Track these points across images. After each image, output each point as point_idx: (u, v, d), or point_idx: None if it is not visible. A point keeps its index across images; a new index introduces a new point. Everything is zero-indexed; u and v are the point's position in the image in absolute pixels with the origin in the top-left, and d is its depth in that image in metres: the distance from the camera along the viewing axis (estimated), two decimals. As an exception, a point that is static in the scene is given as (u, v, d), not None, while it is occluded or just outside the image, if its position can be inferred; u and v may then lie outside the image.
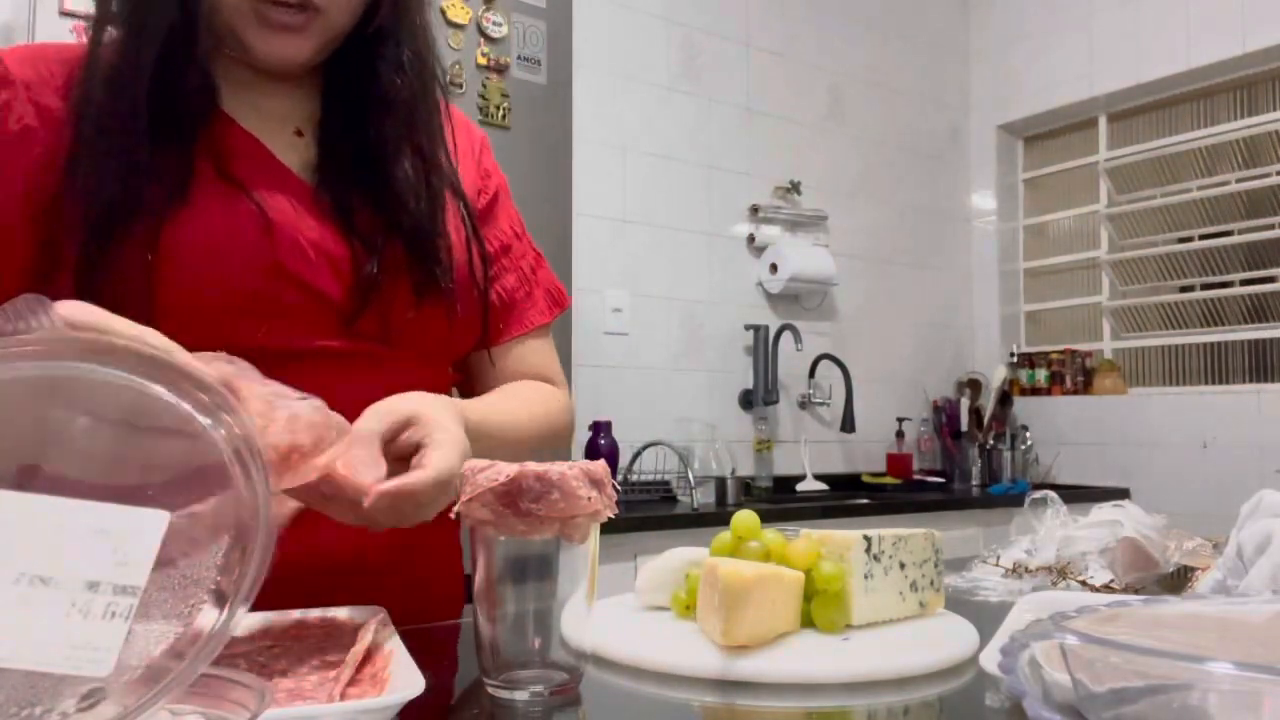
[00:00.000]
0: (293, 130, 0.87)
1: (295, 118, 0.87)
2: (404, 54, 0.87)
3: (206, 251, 0.76)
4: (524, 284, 0.99)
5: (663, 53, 3.10)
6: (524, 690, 0.57)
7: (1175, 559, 1.00)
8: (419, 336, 0.86)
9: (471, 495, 0.56)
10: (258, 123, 0.84)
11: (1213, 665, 0.37)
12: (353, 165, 0.85)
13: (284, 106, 0.87)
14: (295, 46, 0.80)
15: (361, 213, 0.84)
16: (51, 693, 0.37)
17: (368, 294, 0.82)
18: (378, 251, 0.83)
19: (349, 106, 0.87)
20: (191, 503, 0.42)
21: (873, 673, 0.61)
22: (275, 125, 0.86)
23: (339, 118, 0.87)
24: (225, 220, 0.78)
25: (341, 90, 0.87)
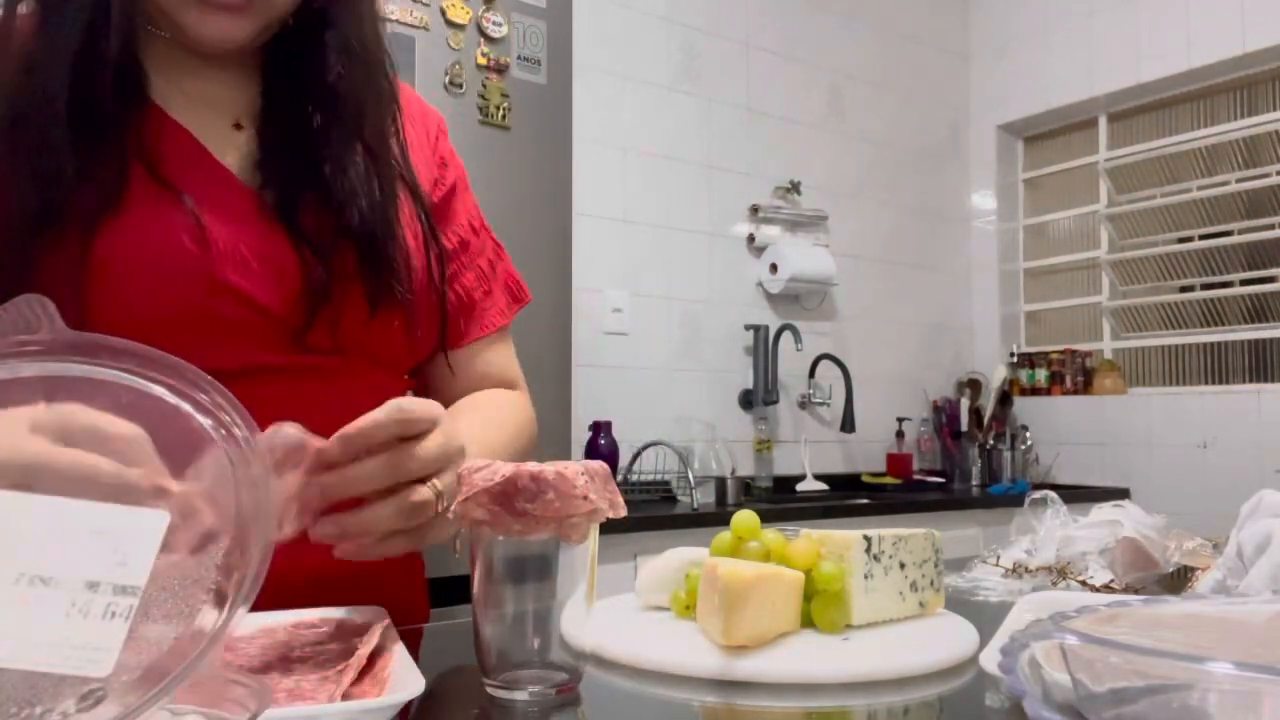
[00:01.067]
0: (231, 123, 0.80)
1: (233, 108, 0.80)
2: (349, 39, 0.80)
3: (139, 265, 0.70)
4: (483, 282, 0.94)
5: (663, 53, 3.10)
6: (523, 690, 0.57)
7: (1175, 559, 1.00)
8: (374, 346, 0.81)
9: (467, 495, 0.56)
10: (190, 113, 0.77)
11: (1213, 665, 0.37)
12: (299, 163, 0.79)
13: (219, 94, 0.80)
14: (235, 26, 0.74)
15: (308, 215, 0.77)
16: (51, 693, 0.37)
17: (317, 305, 0.76)
18: (327, 257, 0.77)
19: (291, 96, 0.80)
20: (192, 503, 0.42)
21: (873, 673, 0.61)
22: (211, 116, 0.79)
23: (280, 109, 0.80)
24: (159, 230, 0.71)
25: (282, 78, 0.81)
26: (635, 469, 2.80)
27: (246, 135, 0.80)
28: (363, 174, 0.80)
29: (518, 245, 1.12)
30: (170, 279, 0.71)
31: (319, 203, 0.78)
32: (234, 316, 0.74)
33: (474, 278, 0.93)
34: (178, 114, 0.77)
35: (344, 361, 0.79)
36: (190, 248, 0.72)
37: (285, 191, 0.78)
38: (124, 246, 0.70)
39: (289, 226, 0.77)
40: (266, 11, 0.75)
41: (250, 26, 0.75)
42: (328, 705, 0.50)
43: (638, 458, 2.80)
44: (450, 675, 0.61)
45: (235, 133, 0.80)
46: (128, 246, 0.70)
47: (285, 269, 0.76)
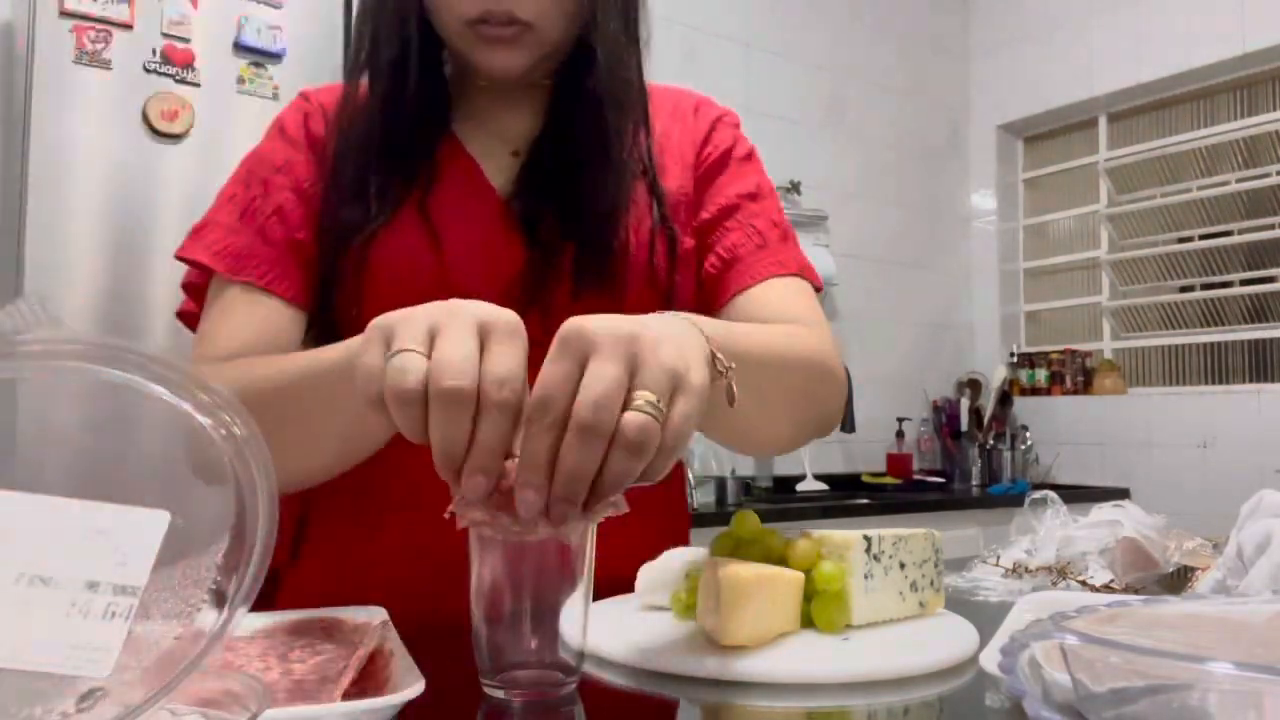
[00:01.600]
0: (510, 151, 0.92)
1: (517, 137, 0.92)
2: (604, 66, 0.88)
3: (392, 269, 0.84)
4: (753, 237, 0.94)
5: (662, 53, 3.09)
6: (522, 690, 0.57)
7: (1175, 559, 1.00)
8: None
9: (468, 495, 0.55)
10: (481, 140, 0.92)
11: (1213, 665, 0.37)
12: (550, 179, 0.89)
13: (508, 123, 0.93)
14: (511, 59, 0.85)
15: (546, 223, 0.87)
16: (51, 693, 0.37)
17: (531, 296, 0.83)
18: (555, 257, 0.86)
19: (565, 125, 0.91)
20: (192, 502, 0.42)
21: (873, 673, 0.61)
22: (496, 144, 0.92)
23: (551, 135, 0.91)
24: (409, 240, 0.85)
25: (563, 108, 0.92)
26: (635, 469, 2.80)
27: (519, 161, 0.92)
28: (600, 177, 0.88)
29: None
30: (411, 282, 0.83)
31: (558, 212, 0.88)
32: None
33: (741, 235, 0.94)
34: (469, 141, 0.91)
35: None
36: (427, 254, 0.85)
37: (531, 204, 0.88)
38: (385, 258, 0.85)
39: (527, 231, 0.87)
40: (538, 44, 0.85)
41: (524, 58, 0.85)
42: (328, 705, 0.50)
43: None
44: (450, 675, 0.61)
45: (512, 159, 0.92)
46: (387, 257, 0.85)
47: (504, 263, 0.86)
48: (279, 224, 0.86)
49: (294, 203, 0.87)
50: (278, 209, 0.87)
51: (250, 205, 0.87)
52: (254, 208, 0.87)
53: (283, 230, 0.86)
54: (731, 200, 0.96)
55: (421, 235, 0.86)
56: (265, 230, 0.86)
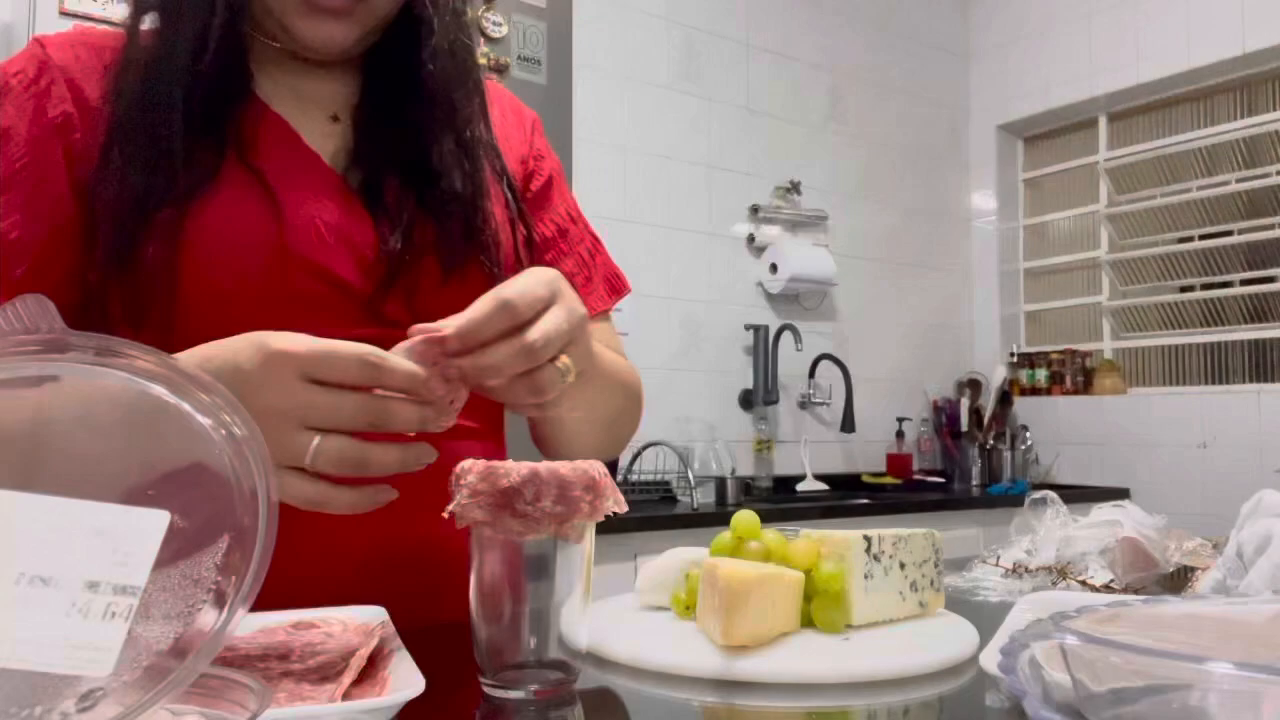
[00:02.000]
0: (329, 116, 0.86)
1: (332, 103, 0.87)
2: (443, 41, 0.86)
3: (220, 240, 0.76)
4: (583, 268, 0.96)
5: (663, 53, 3.10)
6: (521, 690, 0.57)
7: (1175, 559, 1.00)
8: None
9: (468, 497, 0.56)
10: (294, 108, 0.84)
11: (1213, 665, 0.37)
12: (389, 149, 0.85)
13: (322, 91, 0.86)
14: (341, 31, 0.80)
15: (390, 194, 0.83)
16: (51, 693, 0.37)
17: (393, 274, 0.80)
18: (403, 227, 0.81)
19: (388, 93, 0.86)
20: (192, 502, 0.42)
21: (873, 673, 0.61)
22: (311, 109, 0.85)
23: (376, 103, 0.86)
24: (240, 210, 0.77)
25: (381, 77, 0.87)
26: (635, 469, 2.80)
27: (342, 127, 0.86)
28: (451, 159, 0.85)
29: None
30: (247, 254, 0.76)
31: (403, 183, 0.83)
32: (311, 290, 0.78)
33: (574, 264, 0.96)
34: (280, 106, 0.83)
35: None
36: (266, 224, 0.77)
37: (371, 172, 0.83)
38: (209, 222, 0.75)
39: (369, 203, 0.82)
40: (369, 17, 0.81)
41: (354, 31, 0.81)
42: (328, 705, 0.50)
43: (638, 458, 2.80)
44: (449, 675, 0.61)
45: (331, 125, 0.86)
46: (212, 221, 0.76)
47: (362, 244, 0.80)
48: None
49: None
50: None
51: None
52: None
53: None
54: (563, 221, 0.97)
55: (257, 202, 0.78)
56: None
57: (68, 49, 0.79)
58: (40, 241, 0.74)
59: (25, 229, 0.74)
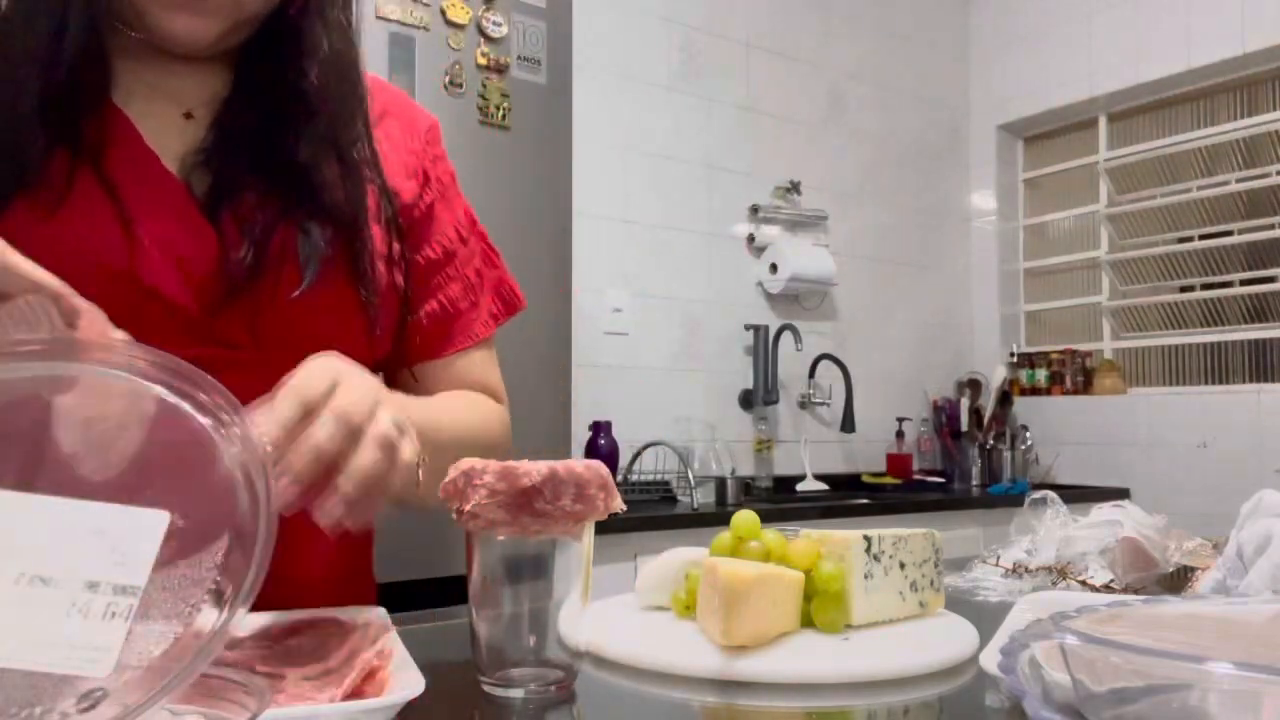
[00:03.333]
0: (182, 112, 0.79)
1: (189, 98, 0.79)
2: (321, 46, 0.80)
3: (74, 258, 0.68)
4: (469, 293, 0.92)
5: (663, 53, 3.09)
6: (519, 689, 0.57)
7: (1175, 559, 1.00)
8: (302, 340, 0.72)
9: (488, 495, 0.55)
10: (145, 103, 0.77)
11: (1213, 665, 0.37)
12: (247, 150, 0.77)
13: (180, 87, 0.79)
14: (200, 26, 0.74)
15: (246, 205, 0.76)
16: (51, 693, 0.37)
17: (231, 292, 0.73)
18: (254, 239, 0.74)
19: (255, 92, 0.79)
20: (192, 502, 0.42)
21: (873, 673, 0.61)
22: (164, 105, 0.78)
23: (242, 102, 0.79)
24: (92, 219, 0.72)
25: (251, 75, 0.80)
26: (635, 469, 2.80)
27: (195, 123, 0.79)
28: (328, 165, 0.79)
29: (517, 245, 1.11)
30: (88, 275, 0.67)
31: (262, 193, 0.77)
32: (143, 310, 0.71)
33: (460, 288, 0.92)
34: (134, 104, 0.76)
35: (262, 355, 0.75)
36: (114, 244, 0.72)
37: (219, 179, 0.76)
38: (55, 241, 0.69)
39: (211, 212, 0.75)
40: (235, 10, 0.75)
41: (216, 26, 0.75)
42: (328, 705, 0.50)
43: (638, 458, 2.80)
44: (449, 675, 0.61)
45: (183, 121, 0.79)
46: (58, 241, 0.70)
47: (193, 256, 0.74)
48: None
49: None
50: None
51: None
52: None
53: None
54: (451, 242, 0.92)
55: (106, 212, 0.72)
56: None
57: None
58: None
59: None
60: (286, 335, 0.76)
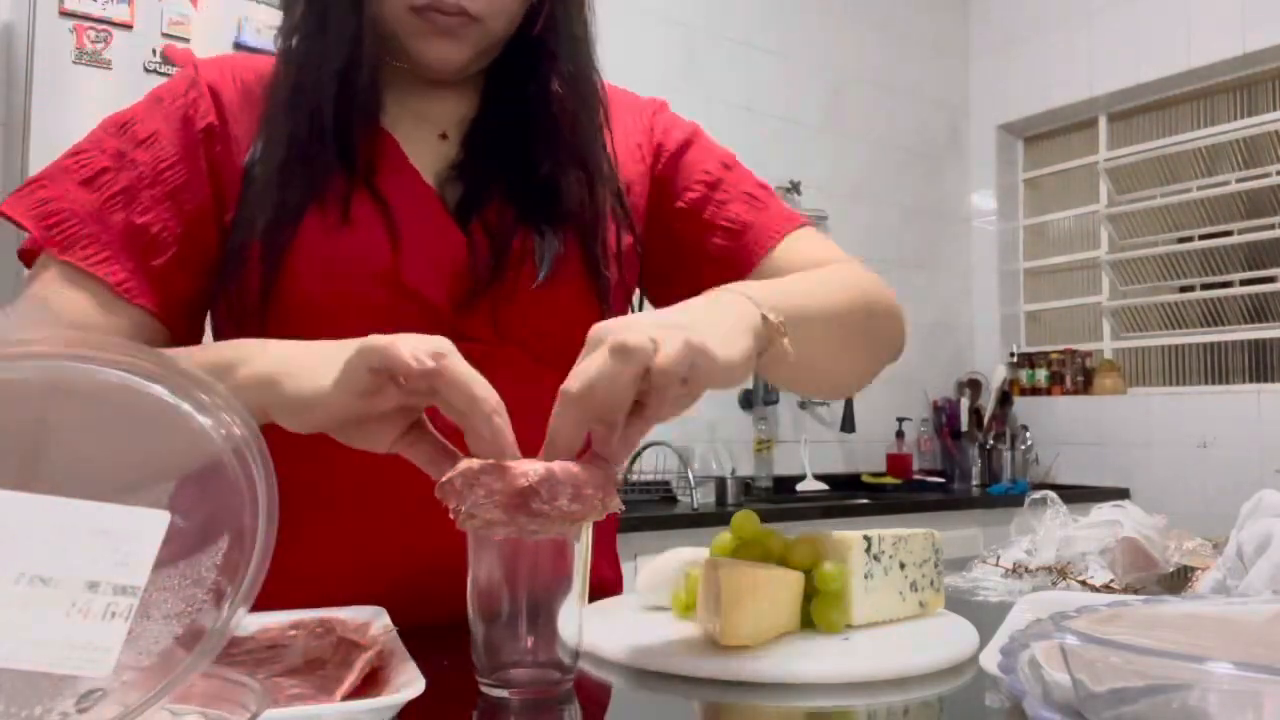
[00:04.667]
0: (438, 133, 0.88)
1: (444, 121, 0.88)
2: (563, 62, 0.87)
3: (333, 262, 0.79)
4: (753, 204, 0.93)
5: (663, 53, 3.09)
6: (518, 689, 0.57)
7: (1175, 559, 1.00)
8: (539, 332, 0.83)
9: (485, 495, 0.55)
10: (409, 126, 0.86)
11: (1213, 665, 0.37)
12: (494, 163, 0.86)
13: (436, 110, 0.88)
14: (454, 50, 0.82)
15: (492, 209, 0.84)
16: (51, 693, 0.37)
17: (477, 292, 0.81)
18: (497, 242, 0.82)
19: (503, 112, 0.88)
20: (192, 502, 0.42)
21: (873, 673, 0.61)
22: (423, 127, 0.87)
23: (489, 122, 0.88)
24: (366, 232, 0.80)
25: (498, 97, 0.89)
26: (635, 469, 2.80)
27: (450, 143, 0.88)
28: (569, 171, 0.86)
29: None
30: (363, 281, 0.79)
31: (506, 201, 0.84)
32: (391, 304, 0.79)
33: (741, 206, 0.93)
34: (400, 127, 0.86)
35: (504, 348, 0.82)
36: (382, 251, 0.80)
37: (468, 190, 0.84)
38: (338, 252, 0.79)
39: (461, 220, 0.83)
40: (483, 37, 0.82)
41: (467, 51, 0.82)
42: (328, 705, 0.50)
43: (638, 458, 2.80)
44: (449, 675, 0.61)
45: (439, 141, 0.88)
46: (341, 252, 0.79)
47: (444, 258, 0.81)
48: (123, 204, 0.77)
49: (146, 183, 0.78)
50: (126, 188, 0.77)
51: (98, 174, 0.77)
52: (103, 179, 0.77)
53: (124, 212, 0.77)
54: (713, 175, 0.95)
55: (379, 225, 0.80)
56: (106, 207, 0.77)
57: (216, 69, 0.85)
58: (179, 238, 0.79)
59: (167, 225, 0.78)
60: (524, 328, 0.83)
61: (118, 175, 0.78)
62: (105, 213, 0.77)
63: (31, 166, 1.86)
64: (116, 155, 0.79)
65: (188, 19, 2.00)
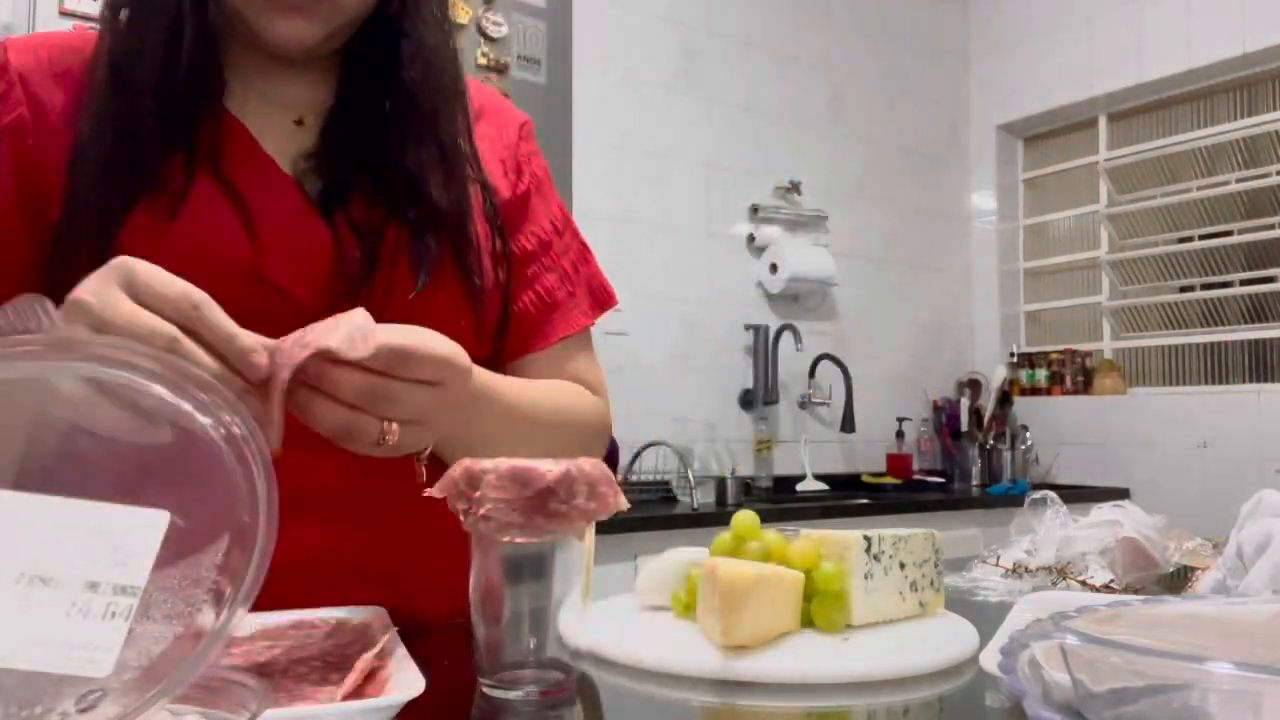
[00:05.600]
0: (292, 119, 0.83)
1: (298, 106, 0.83)
2: (421, 43, 0.83)
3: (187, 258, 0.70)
4: (566, 283, 0.94)
5: (663, 53, 3.09)
6: (520, 690, 0.57)
7: (1175, 559, 1.00)
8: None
9: (497, 499, 0.55)
10: (257, 110, 0.81)
11: (1213, 665, 0.37)
12: (355, 153, 0.81)
13: (290, 95, 0.83)
14: (303, 28, 0.77)
15: (357, 202, 0.79)
16: (51, 693, 0.37)
17: (351, 292, 0.76)
18: (371, 246, 0.78)
19: (361, 95, 0.83)
20: (192, 502, 0.42)
21: (873, 673, 0.61)
22: (275, 113, 0.82)
23: (346, 107, 0.83)
24: (217, 220, 0.75)
25: (355, 79, 0.84)
26: (635, 469, 2.80)
27: (306, 129, 0.83)
28: (434, 166, 0.82)
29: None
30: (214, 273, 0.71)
31: (373, 190, 0.80)
32: (266, 306, 0.73)
33: (556, 279, 0.93)
34: (246, 112, 0.80)
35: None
36: (236, 239, 0.75)
37: (330, 182, 0.80)
38: (180, 241, 0.73)
39: (325, 212, 0.79)
40: (334, 14, 0.78)
41: (319, 28, 0.78)
42: (328, 705, 0.50)
43: (638, 458, 2.80)
44: (449, 675, 0.61)
45: (295, 128, 0.83)
46: (183, 241, 0.74)
47: (311, 255, 0.77)
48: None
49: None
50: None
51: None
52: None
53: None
54: (546, 233, 0.94)
55: (228, 213, 0.75)
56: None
57: (29, 52, 0.78)
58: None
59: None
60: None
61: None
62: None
63: (31, 166, 1.86)
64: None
65: (188, 19, 2.00)
